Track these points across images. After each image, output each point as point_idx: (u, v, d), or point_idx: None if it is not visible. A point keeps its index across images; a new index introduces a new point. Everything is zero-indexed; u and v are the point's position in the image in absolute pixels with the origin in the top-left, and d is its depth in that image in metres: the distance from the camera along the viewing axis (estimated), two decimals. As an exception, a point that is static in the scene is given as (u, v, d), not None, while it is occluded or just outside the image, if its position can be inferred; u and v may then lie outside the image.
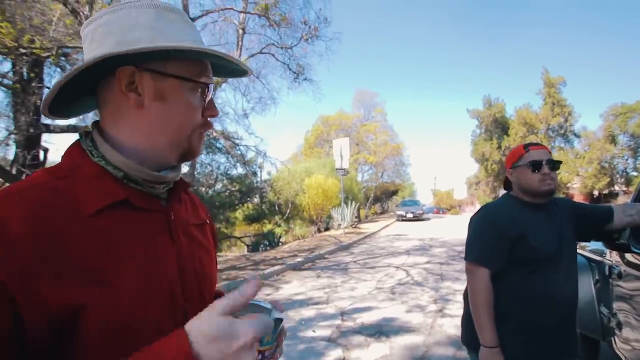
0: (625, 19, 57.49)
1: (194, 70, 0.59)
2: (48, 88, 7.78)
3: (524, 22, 75.06)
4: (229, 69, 0.65)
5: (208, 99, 0.61)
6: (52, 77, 7.87)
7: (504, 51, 76.56)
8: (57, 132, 8.05)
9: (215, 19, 7.75)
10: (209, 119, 0.63)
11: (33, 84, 7.02)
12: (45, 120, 7.69)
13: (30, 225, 0.46)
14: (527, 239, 1.31)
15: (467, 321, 1.46)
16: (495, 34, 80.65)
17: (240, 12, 7.49)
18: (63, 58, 7.29)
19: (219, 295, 0.77)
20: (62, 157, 0.57)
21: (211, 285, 0.67)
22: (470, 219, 1.49)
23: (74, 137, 0.60)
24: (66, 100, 0.60)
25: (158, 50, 0.53)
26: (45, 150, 7.68)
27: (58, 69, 7.73)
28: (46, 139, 7.73)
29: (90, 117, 8.37)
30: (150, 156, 0.58)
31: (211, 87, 0.62)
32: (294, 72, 8.43)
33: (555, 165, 1.35)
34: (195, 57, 0.59)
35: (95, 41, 0.56)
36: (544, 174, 1.33)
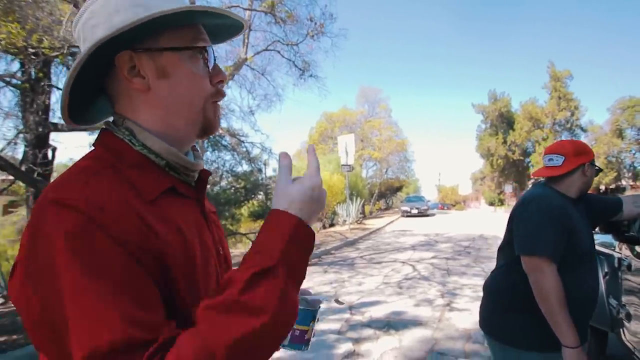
0: (633, 14, 56.66)
1: (188, 37, 0.57)
2: (56, 87, 7.87)
3: (529, 17, 74.19)
4: (225, 28, 0.63)
5: (211, 64, 0.59)
6: (60, 77, 7.93)
7: (509, 46, 75.82)
8: (65, 131, 8.13)
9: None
10: (219, 86, 0.61)
11: (42, 84, 7.09)
12: (54, 118, 7.80)
13: (125, 203, 0.48)
14: (576, 233, 1.30)
15: (494, 310, 1.46)
16: (500, 29, 79.82)
17: (246, 9, 7.51)
18: (70, 57, 7.36)
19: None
20: (95, 147, 0.57)
21: (230, 268, 0.70)
22: (518, 211, 1.42)
23: (82, 135, 0.60)
24: (84, 104, 0.60)
25: (142, 23, 0.51)
26: (54, 149, 7.79)
27: (66, 69, 7.81)
28: (54, 137, 7.82)
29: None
30: (172, 138, 0.58)
31: (210, 50, 0.60)
32: (300, 69, 8.44)
33: None
34: (185, 21, 0.57)
35: (87, 38, 0.55)
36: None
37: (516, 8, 77.33)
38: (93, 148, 0.57)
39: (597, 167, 1.45)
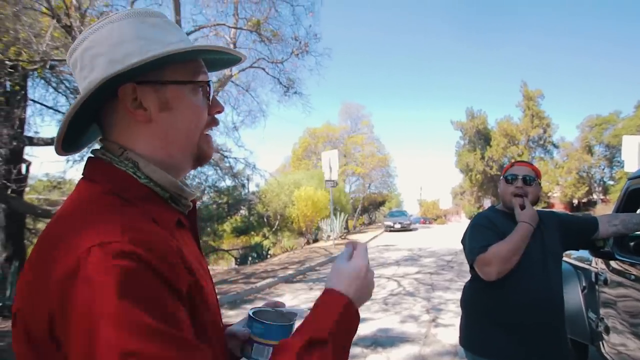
0: (601, 39, 60.74)
1: (190, 71, 0.59)
2: (33, 101, 7.66)
3: (505, 37, 78.04)
4: (222, 60, 0.67)
5: (211, 96, 0.62)
6: (37, 89, 7.73)
7: (485, 65, 79.19)
8: (40, 145, 7.89)
9: (206, 34, 7.84)
10: (215, 115, 0.64)
11: (18, 97, 6.90)
12: (29, 132, 7.56)
13: (165, 240, 0.49)
14: None
15: (467, 326, 1.53)
16: (478, 47, 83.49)
17: (232, 27, 7.60)
18: (48, 70, 7.21)
19: None
20: (95, 179, 0.54)
21: None
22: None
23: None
24: (75, 133, 0.60)
25: (151, 60, 0.52)
26: (28, 164, 7.52)
27: (42, 81, 7.64)
28: (28, 151, 7.57)
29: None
30: (170, 168, 0.58)
31: (211, 83, 0.63)
32: (284, 86, 8.55)
33: (529, 180, 1.51)
34: (189, 57, 0.59)
35: (86, 67, 0.55)
36: (517, 187, 1.50)
37: (494, 27, 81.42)
38: (86, 179, 0.55)
39: (507, 177, 1.55)
